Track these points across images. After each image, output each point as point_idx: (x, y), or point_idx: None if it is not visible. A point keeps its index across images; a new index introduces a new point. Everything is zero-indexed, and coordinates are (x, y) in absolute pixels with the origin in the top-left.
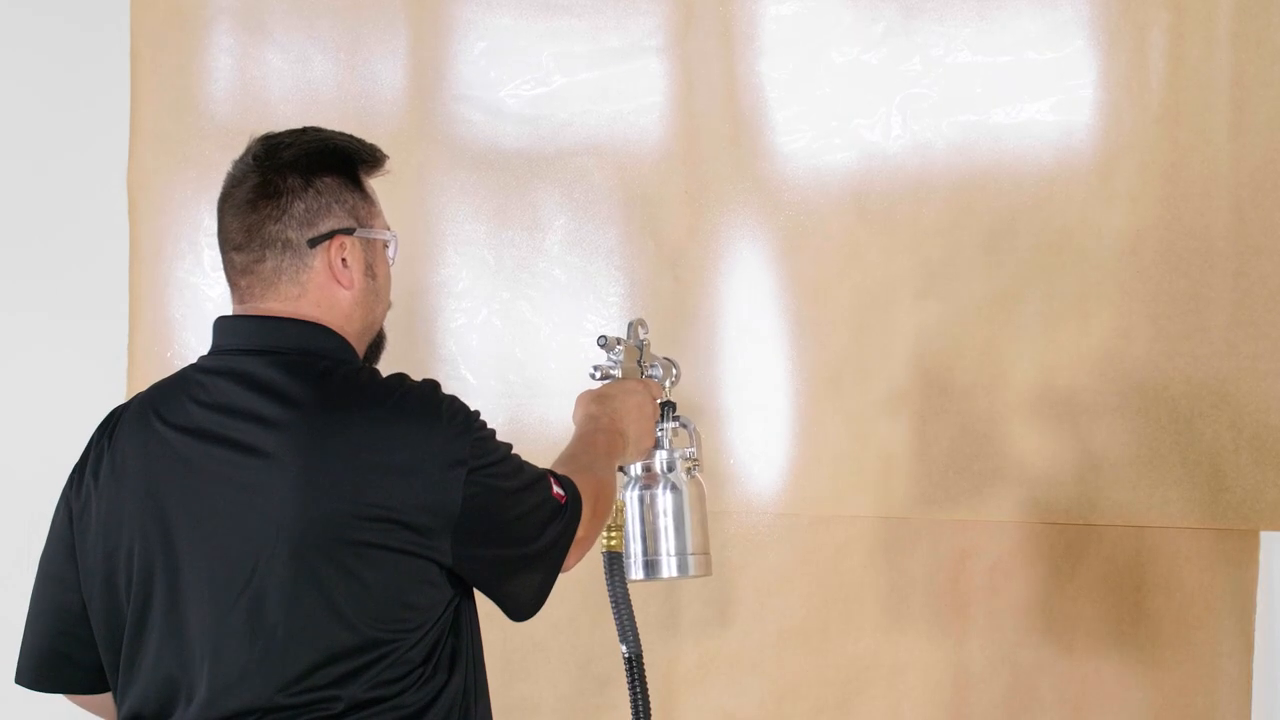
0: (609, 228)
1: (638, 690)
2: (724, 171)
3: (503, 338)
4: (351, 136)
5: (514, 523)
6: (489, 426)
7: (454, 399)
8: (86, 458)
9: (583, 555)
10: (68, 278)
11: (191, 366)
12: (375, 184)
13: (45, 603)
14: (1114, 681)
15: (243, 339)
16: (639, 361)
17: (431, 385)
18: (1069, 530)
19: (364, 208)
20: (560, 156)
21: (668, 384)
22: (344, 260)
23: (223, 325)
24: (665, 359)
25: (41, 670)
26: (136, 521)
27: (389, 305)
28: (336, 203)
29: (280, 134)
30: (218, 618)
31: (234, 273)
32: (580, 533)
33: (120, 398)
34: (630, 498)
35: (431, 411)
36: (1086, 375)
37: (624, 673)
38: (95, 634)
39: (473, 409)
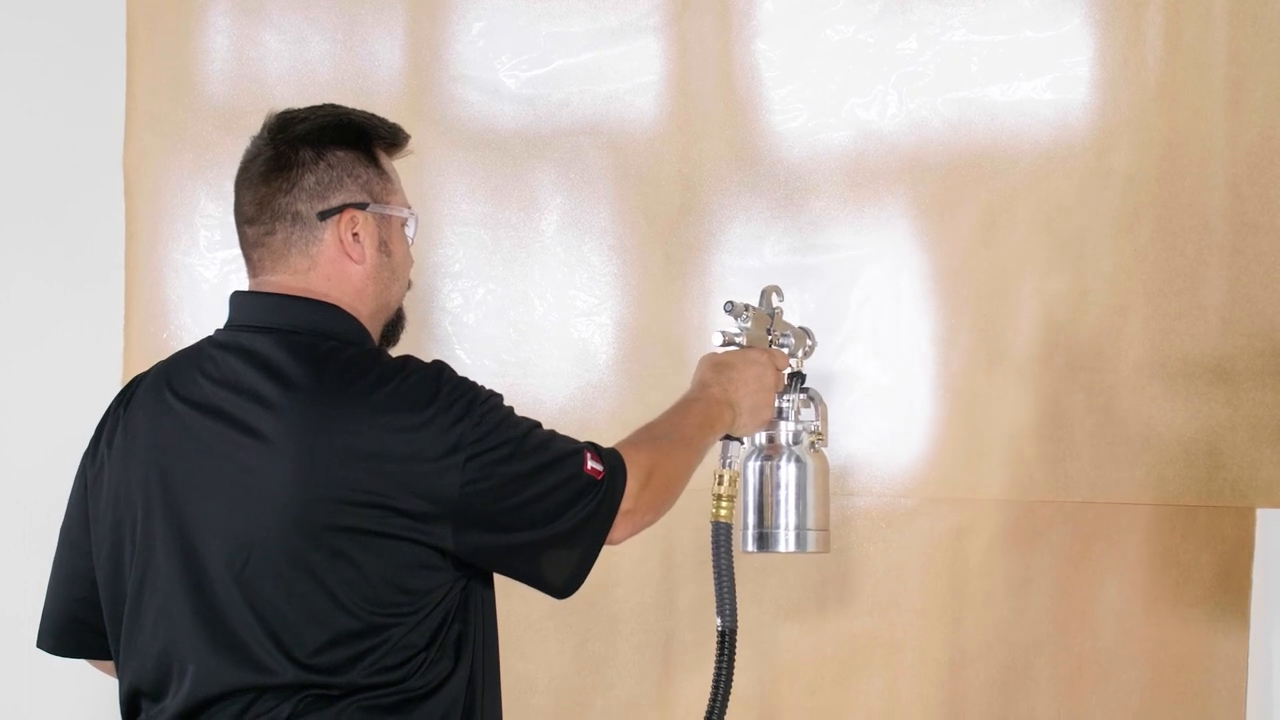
0: (603, 207)
1: (724, 666)
2: (719, 150)
3: (498, 317)
4: (372, 115)
5: (527, 506)
6: (505, 406)
7: (459, 383)
8: (104, 426)
9: (637, 528)
10: (63, 259)
11: (207, 339)
12: None
13: (64, 569)
14: (1109, 659)
15: (255, 315)
16: (768, 330)
17: (435, 368)
18: (1065, 508)
19: (379, 184)
20: (557, 136)
21: (800, 354)
22: (355, 235)
23: (238, 300)
24: (800, 328)
25: (62, 636)
26: (141, 493)
27: (408, 284)
28: (349, 177)
29: (297, 109)
30: (214, 596)
31: (246, 246)
32: (627, 505)
33: (116, 378)
34: (750, 468)
35: (429, 396)
36: (1082, 353)
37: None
38: (102, 604)
39: (486, 390)
